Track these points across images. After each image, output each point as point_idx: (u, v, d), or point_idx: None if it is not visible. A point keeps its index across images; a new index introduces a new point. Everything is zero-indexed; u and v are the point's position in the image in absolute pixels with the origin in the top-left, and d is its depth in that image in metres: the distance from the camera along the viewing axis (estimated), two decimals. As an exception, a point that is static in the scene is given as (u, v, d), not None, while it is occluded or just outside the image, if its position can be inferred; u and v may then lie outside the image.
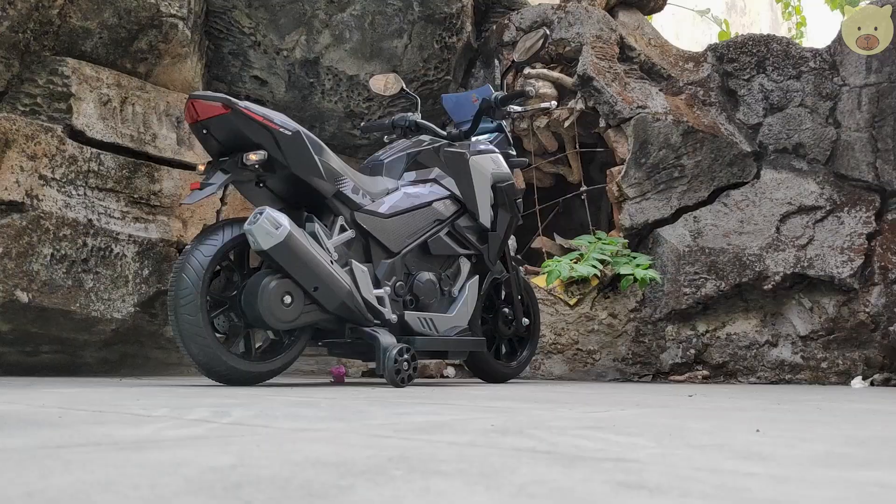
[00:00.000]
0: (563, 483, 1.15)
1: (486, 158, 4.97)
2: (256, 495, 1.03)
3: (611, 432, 1.91)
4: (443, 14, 6.15)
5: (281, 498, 1.01)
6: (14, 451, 1.40)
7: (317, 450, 1.48)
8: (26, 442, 1.54)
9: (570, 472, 1.26)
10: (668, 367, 5.79)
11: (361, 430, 1.86)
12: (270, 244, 3.90)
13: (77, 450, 1.44)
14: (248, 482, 1.11)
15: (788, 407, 3.04)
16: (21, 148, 4.77)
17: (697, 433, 1.94)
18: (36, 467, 1.22)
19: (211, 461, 1.32)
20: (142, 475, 1.16)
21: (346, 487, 1.09)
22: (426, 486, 1.11)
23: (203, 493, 1.03)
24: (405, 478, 1.18)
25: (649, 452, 1.53)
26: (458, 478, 1.19)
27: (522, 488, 1.10)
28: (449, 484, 1.13)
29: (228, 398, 2.97)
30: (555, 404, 2.95)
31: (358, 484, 1.12)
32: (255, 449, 1.48)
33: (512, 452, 1.49)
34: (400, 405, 2.75)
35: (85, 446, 1.49)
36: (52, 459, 1.31)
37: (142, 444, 1.53)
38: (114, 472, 1.18)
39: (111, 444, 1.54)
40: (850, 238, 5.49)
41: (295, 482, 1.12)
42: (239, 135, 4.02)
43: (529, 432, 1.86)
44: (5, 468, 1.21)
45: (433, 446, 1.56)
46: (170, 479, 1.13)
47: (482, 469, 1.28)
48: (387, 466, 1.28)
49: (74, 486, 1.07)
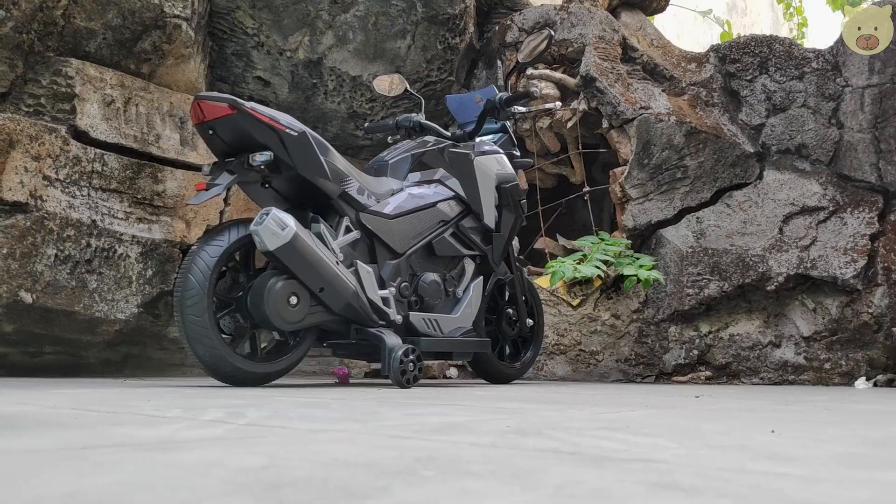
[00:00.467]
0: (597, 484, 1.15)
1: (490, 159, 4.98)
2: (297, 496, 1.03)
3: (628, 433, 1.92)
4: (446, 15, 6.15)
5: (321, 499, 1.01)
6: (40, 453, 1.40)
7: (341, 450, 1.48)
8: (50, 443, 1.54)
9: (600, 473, 1.26)
10: (671, 368, 5.79)
11: (379, 431, 1.86)
12: (276, 245, 3.90)
13: (103, 451, 1.44)
14: (284, 483, 1.11)
15: (797, 408, 3.04)
16: (25, 148, 4.76)
17: (714, 434, 1.95)
18: (68, 468, 1.22)
19: (240, 462, 1.32)
20: (176, 476, 1.16)
21: (383, 488, 1.09)
22: (461, 486, 1.12)
23: (243, 494, 1.03)
24: (438, 479, 1.18)
25: (673, 453, 1.53)
26: (491, 479, 1.19)
27: (559, 489, 1.11)
28: (484, 485, 1.13)
29: (237, 399, 2.97)
30: (564, 405, 2.95)
31: (394, 485, 1.12)
32: (280, 450, 1.48)
33: (536, 453, 1.50)
34: (410, 406, 2.75)
35: (109, 447, 1.49)
36: (81, 461, 1.31)
37: (165, 445, 1.53)
38: (147, 473, 1.18)
39: (134, 444, 1.54)
40: (853, 239, 5.50)
41: (331, 483, 1.12)
42: (245, 135, 4.02)
43: (548, 433, 1.86)
44: (38, 469, 1.21)
45: (456, 447, 1.56)
46: (205, 481, 1.13)
47: (512, 470, 1.28)
48: (416, 467, 1.29)
49: (113, 486, 1.07)
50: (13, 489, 1.04)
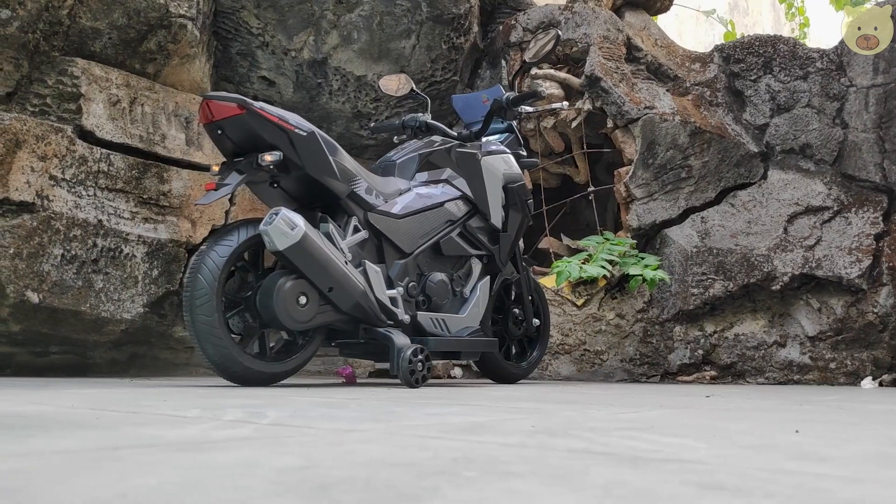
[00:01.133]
0: (642, 484, 1.15)
1: (497, 159, 4.98)
2: (346, 496, 1.03)
3: (653, 433, 1.92)
4: (451, 15, 6.16)
5: (372, 499, 1.01)
6: (76, 453, 1.40)
7: (374, 450, 1.48)
8: (82, 444, 1.54)
9: (640, 474, 1.26)
10: (676, 368, 5.79)
11: (405, 431, 1.86)
12: (286, 245, 3.90)
13: (138, 451, 1.44)
14: (330, 483, 1.11)
15: (810, 408, 3.05)
16: (31, 148, 4.76)
17: (738, 434, 1.95)
18: (111, 469, 1.22)
19: (278, 462, 1.32)
20: (219, 476, 1.16)
21: (432, 489, 1.09)
22: (508, 487, 1.12)
23: (292, 494, 1.03)
24: (482, 479, 1.18)
25: (705, 453, 1.53)
26: (533, 479, 1.19)
27: (606, 490, 1.11)
28: (529, 485, 1.13)
29: (253, 399, 2.97)
30: (579, 405, 2.95)
31: (440, 485, 1.12)
32: (313, 450, 1.48)
33: (569, 454, 1.50)
34: (427, 406, 2.75)
35: (143, 448, 1.49)
36: (120, 461, 1.31)
37: (198, 446, 1.53)
38: (190, 474, 1.18)
39: (166, 445, 1.54)
40: (857, 239, 5.51)
41: (376, 483, 1.12)
42: (254, 135, 4.02)
43: (574, 433, 1.86)
44: (79, 470, 1.21)
45: (488, 448, 1.56)
46: (250, 481, 1.13)
47: (551, 471, 1.28)
48: (456, 468, 1.29)
49: (161, 487, 1.07)
50: (65, 490, 1.04)
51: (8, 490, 1.03)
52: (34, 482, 1.09)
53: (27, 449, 1.45)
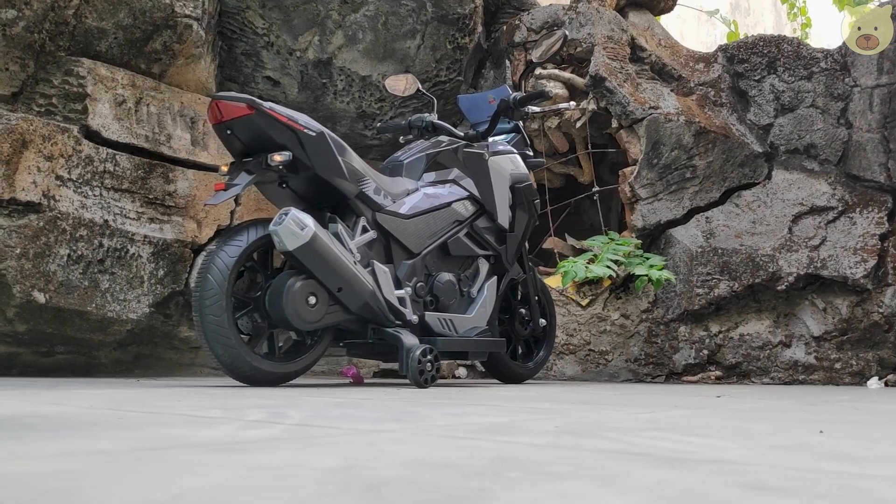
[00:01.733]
0: (688, 485, 1.16)
1: (504, 159, 4.99)
2: (400, 497, 1.03)
3: (678, 433, 1.92)
4: (456, 15, 6.16)
5: (425, 500, 1.01)
6: (113, 454, 1.40)
7: (409, 451, 1.48)
8: (115, 445, 1.54)
9: (682, 475, 1.26)
10: (681, 368, 5.80)
11: (431, 432, 1.86)
12: (296, 245, 3.90)
13: (175, 452, 1.44)
14: (380, 484, 1.11)
15: (825, 408, 3.05)
16: (38, 148, 4.75)
17: (763, 434, 1.95)
18: (155, 470, 1.22)
19: (318, 463, 1.32)
20: (266, 477, 1.16)
21: (479, 489, 1.09)
22: (556, 488, 1.12)
23: (346, 495, 1.03)
24: (526, 480, 1.18)
25: (738, 454, 1.54)
26: (578, 480, 1.19)
27: (654, 491, 1.11)
28: (576, 486, 1.14)
29: (268, 399, 2.96)
30: (593, 405, 2.95)
31: (488, 486, 1.12)
32: (349, 450, 1.48)
33: (604, 454, 1.50)
34: (443, 406, 2.75)
35: (178, 448, 1.49)
36: (161, 462, 1.31)
37: (233, 446, 1.53)
38: (238, 475, 1.18)
39: (200, 445, 1.54)
40: (862, 239, 5.51)
41: (424, 484, 1.12)
42: (263, 136, 4.02)
43: (600, 434, 1.87)
44: (124, 470, 1.21)
45: (520, 448, 1.56)
46: (298, 482, 1.13)
47: (592, 471, 1.28)
48: (497, 469, 1.29)
49: (210, 488, 1.07)
50: (118, 490, 1.04)
51: (60, 491, 1.03)
52: (84, 483, 1.09)
53: (63, 449, 1.45)
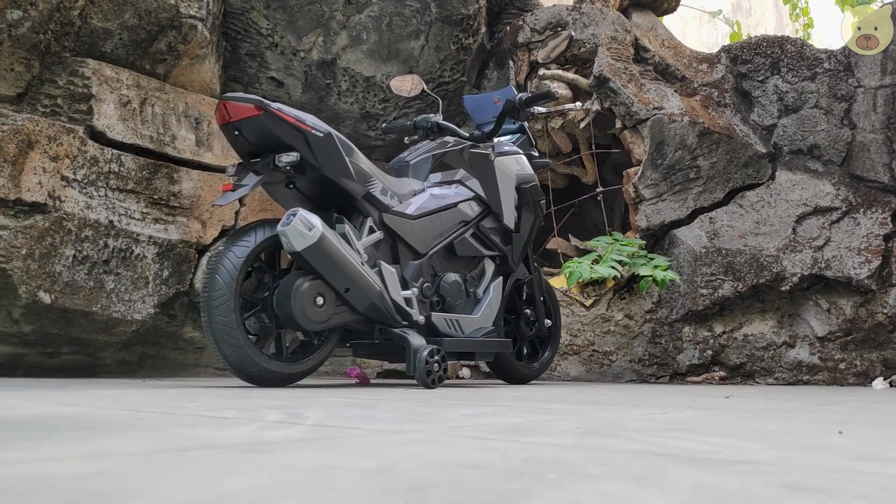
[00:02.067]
0: (729, 486, 1.16)
1: (510, 160, 4.99)
2: (446, 498, 1.03)
3: (699, 433, 1.92)
4: (460, 15, 6.16)
5: (472, 501, 1.02)
6: (145, 455, 1.40)
7: (439, 452, 1.48)
8: (142, 445, 1.54)
9: (719, 476, 1.26)
10: (685, 369, 5.80)
11: (453, 432, 1.86)
12: (304, 245, 3.90)
13: (204, 453, 1.43)
14: (422, 485, 1.11)
15: (835, 409, 3.06)
16: (43, 149, 4.75)
17: (784, 435, 1.95)
18: (191, 470, 1.22)
19: (352, 463, 1.32)
20: (307, 478, 1.16)
21: (522, 490, 1.09)
22: (598, 489, 1.12)
23: (393, 496, 1.03)
24: (566, 481, 1.18)
25: (766, 454, 1.54)
26: (618, 481, 1.19)
27: (697, 491, 1.11)
28: (617, 487, 1.14)
29: (278, 399, 2.96)
30: (605, 406, 2.96)
31: (530, 487, 1.12)
32: (379, 451, 1.48)
33: (633, 455, 1.50)
34: (455, 407, 2.75)
35: (207, 449, 1.49)
36: (194, 463, 1.31)
37: (260, 447, 1.53)
38: (278, 476, 1.18)
39: (227, 446, 1.53)
40: (866, 239, 5.52)
41: (466, 485, 1.13)
42: (270, 136, 4.02)
43: (622, 434, 1.87)
44: (163, 472, 1.21)
45: (548, 449, 1.56)
46: (340, 482, 1.13)
47: (628, 472, 1.28)
48: (534, 469, 1.29)
49: (254, 490, 1.07)
50: (164, 491, 1.03)
51: (106, 493, 1.03)
52: (128, 484, 1.09)
53: (95, 450, 1.45)
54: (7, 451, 1.42)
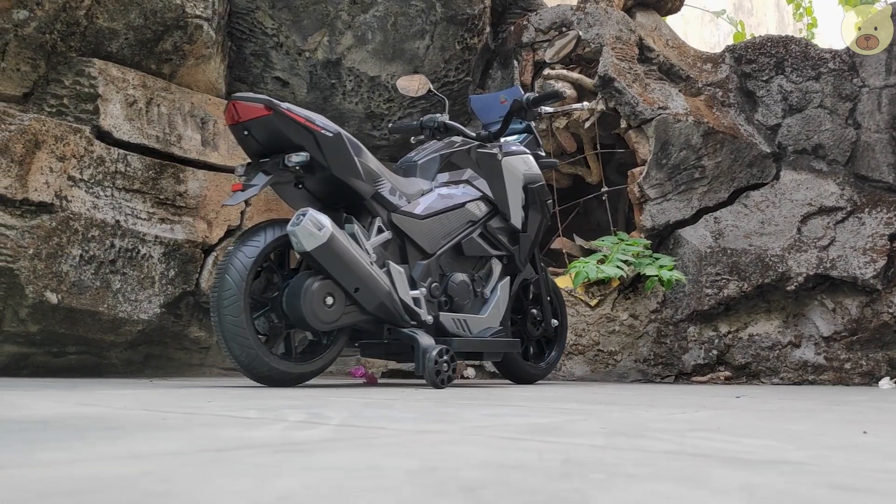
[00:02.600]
0: (777, 486, 1.16)
1: (517, 159, 4.99)
2: (500, 499, 1.03)
3: (725, 434, 1.92)
4: (465, 15, 6.16)
5: (527, 502, 1.01)
6: (184, 456, 1.40)
7: (475, 452, 1.48)
8: (175, 446, 1.53)
9: (764, 476, 1.26)
10: (691, 369, 5.81)
11: (481, 433, 1.86)
12: (313, 245, 3.90)
13: (242, 453, 1.43)
14: (473, 486, 1.11)
15: (850, 408, 3.06)
16: (50, 149, 4.75)
17: (809, 435, 1.95)
18: (238, 472, 1.22)
19: (394, 463, 1.31)
20: (350, 478, 1.16)
21: (574, 490, 1.09)
22: (648, 489, 1.12)
23: (447, 497, 1.03)
24: (615, 482, 1.18)
25: (801, 454, 1.54)
26: (665, 482, 1.19)
27: (747, 492, 1.11)
28: (667, 488, 1.14)
29: (294, 399, 2.96)
30: (620, 406, 2.96)
31: (581, 488, 1.12)
32: (417, 451, 1.48)
33: (668, 456, 1.50)
34: (473, 407, 2.75)
35: (242, 450, 1.48)
36: (238, 464, 1.31)
37: (295, 447, 1.53)
38: (326, 476, 1.18)
39: (262, 446, 1.53)
40: (871, 239, 5.52)
41: (516, 485, 1.13)
42: (280, 136, 4.02)
43: (649, 435, 1.87)
44: (209, 472, 1.21)
45: (583, 450, 1.56)
46: (387, 482, 1.13)
47: (672, 473, 1.28)
48: (577, 470, 1.29)
49: (308, 490, 1.07)
50: (217, 492, 1.03)
51: (161, 493, 1.02)
52: (180, 485, 1.09)
53: (128, 451, 1.45)
54: (43, 452, 1.42)
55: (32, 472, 1.20)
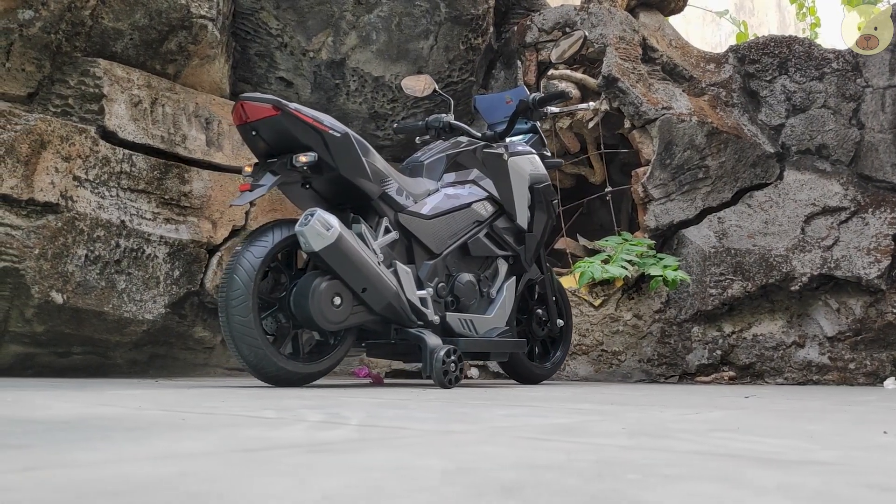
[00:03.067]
0: (812, 486, 1.16)
1: (523, 160, 5.00)
2: (541, 499, 1.03)
3: (745, 434, 1.93)
4: (470, 15, 6.16)
5: (570, 502, 1.02)
6: (217, 456, 1.40)
7: (503, 453, 1.48)
8: (207, 447, 1.53)
9: (798, 476, 1.27)
10: (695, 369, 5.81)
11: (504, 433, 1.86)
12: (322, 246, 3.90)
13: (274, 454, 1.43)
14: (513, 486, 1.11)
15: (862, 409, 3.07)
16: (56, 149, 4.74)
17: (829, 435, 1.96)
18: (277, 472, 1.22)
19: (427, 463, 1.31)
20: (387, 478, 1.16)
21: (613, 491, 1.09)
22: (690, 490, 1.12)
23: (488, 497, 1.03)
24: (653, 482, 1.18)
25: (830, 455, 1.54)
26: (703, 482, 1.19)
27: (785, 491, 1.11)
28: (707, 488, 1.14)
29: (306, 399, 2.96)
30: (632, 406, 2.96)
31: (620, 488, 1.12)
32: (446, 452, 1.48)
33: (698, 456, 1.50)
34: (487, 407, 2.75)
35: (273, 450, 1.48)
36: (274, 464, 1.31)
37: (325, 447, 1.53)
38: (365, 476, 1.18)
39: (291, 446, 1.53)
40: (875, 239, 5.53)
41: (554, 486, 1.13)
42: (288, 136, 4.02)
43: (673, 435, 1.87)
44: (248, 473, 1.21)
45: (611, 450, 1.56)
46: (425, 483, 1.13)
47: (708, 473, 1.28)
48: (610, 471, 1.29)
49: (349, 490, 1.07)
50: (260, 492, 1.03)
51: (204, 494, 1.02)
52: (221, 486, 1.09)
53: (156, 451, 1.45)
54: (72, 453, 1.41)
55: (68, 472, 1.20)
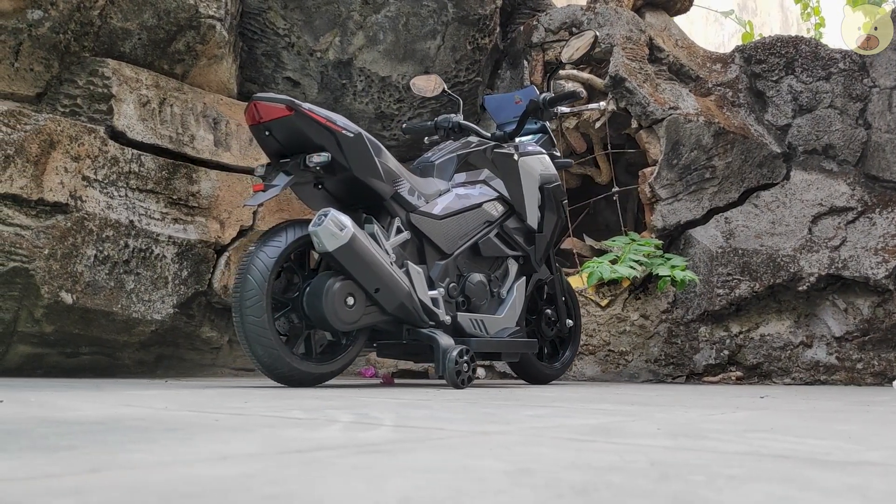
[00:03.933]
0: (881, 487, 1.16)
1: (534, 160, 5.00)
2: (618, 500, 1.03)
3: (784, 434, 1.92)
4: (477, 15, 6.16)
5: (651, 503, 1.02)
6: (270, 457, 1.39)
7: (555, 454, 1.48)
8: (254, 448, 1.53)
9: (859, 477, 1.26)
10: (702, 369, 5.81)
11: (543, 433, 1.86)
12: (335, 246, 3.90)
13: (326, 454, 1.43)
14: (586, 488, 1.11)
15: (882, 409, 3.07)
16: (65, 149, 4.74)
17: (865, 436, 1.95)
18: (343, 473, 1.21)
19: (486, 465, 1.31)
20: (455, 479, 1.16)
21: (685, 493, 1.09)
22: (761, 490, 1.12)
23: (564, 499, 1.03)
24: (719, 483, 1.18)
25: (874, 455, 1.54)
26: (770, 483, 1.19)
27: (858, 492, 1.11)
28: (776, 489, 1.14)
29: (326, 399, 2.96)
30: (653, 406, 2.96)
31: (692, 490, 1.12)
32: (497, 453, 1.48)
33: (748, 457, 1.50)
34: (511, 407, 2.75)
35: (324, 451, 1.48)
36: (332, 466, 1.30)
37: (374, 448, 1.52)
38: (431, 478, 1.18)
39: (338, 447, 1.53)
40: (882, 239, 5.54)
41: (624, 488, 1.12)
42: (301, 137, 4.02)
43: (711, 436, 1.87)
44: (317, 475, 1.20)
45: (657, 451, 1.56)
46: (492, 485, 1.13)
47: (770, 475, 1.28)
48: (672, 472, 1.29)
49: (420, 491, 1.06)
50: (335, 495, 1.03)
51: (279, 496, 1.02)
52: (289, 487, 1.08)
53: (208, 452, 1.44)
54: (124, 454, 1.41)
55: (134, 473, 1.19)
